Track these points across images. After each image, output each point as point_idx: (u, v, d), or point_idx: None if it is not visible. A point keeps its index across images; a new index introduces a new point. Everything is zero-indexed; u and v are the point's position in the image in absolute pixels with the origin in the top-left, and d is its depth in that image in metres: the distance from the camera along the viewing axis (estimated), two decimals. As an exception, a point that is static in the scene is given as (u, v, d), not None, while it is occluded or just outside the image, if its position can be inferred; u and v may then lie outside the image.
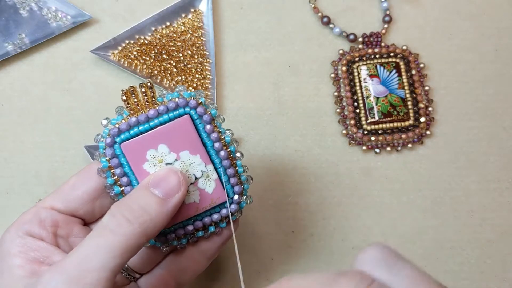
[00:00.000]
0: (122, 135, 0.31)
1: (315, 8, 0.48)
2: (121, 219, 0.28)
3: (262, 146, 0.46)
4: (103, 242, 0.27)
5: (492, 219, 0.45)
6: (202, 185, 0.32)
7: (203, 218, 0.33)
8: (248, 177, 0.34)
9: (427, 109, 0.46)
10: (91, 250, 0.27)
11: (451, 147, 0.46)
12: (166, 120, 0.31)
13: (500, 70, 0.48)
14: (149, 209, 0.28)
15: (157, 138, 0.31)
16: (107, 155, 0.31)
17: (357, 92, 0.46)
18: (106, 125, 0.31)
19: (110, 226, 0.28)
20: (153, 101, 0.31)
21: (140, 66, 0.46)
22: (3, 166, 0.45)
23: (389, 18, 0.48)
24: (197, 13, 0.48)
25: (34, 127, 0.45)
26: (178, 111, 0.31)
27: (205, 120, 0.31)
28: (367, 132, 0.45)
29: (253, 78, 0.47)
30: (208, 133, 0.32)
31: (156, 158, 0.31)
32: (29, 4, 0.47)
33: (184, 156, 0.31)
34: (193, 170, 0.32)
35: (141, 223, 0.28)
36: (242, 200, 0.34)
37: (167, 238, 0.33)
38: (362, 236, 0.44)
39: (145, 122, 0.31)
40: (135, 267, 0.34)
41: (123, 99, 0.31)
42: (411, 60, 0.47)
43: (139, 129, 0.31)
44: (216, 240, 0.34)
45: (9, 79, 0.46)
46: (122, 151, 0.31)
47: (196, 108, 0.31)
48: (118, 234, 0.27)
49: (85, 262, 0.26)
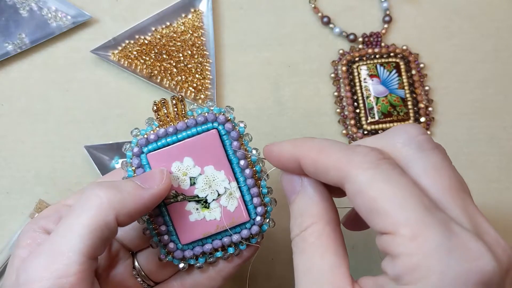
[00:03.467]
0: (149, 145, 0.31)
1: (315, 8, 0.48)
2: (90, 194, 0.27)
3: (262, 146, 0.46)
4: (70, 222, 0.26)
5: (492, 219, 0.45)
6: (224, 203, 0.31)
7: (223, 237, 0.32)
8: (272, 199, 0.33)
9: (427, 109, 0.46)
10: (60, 232, 0.26)
11: (451, 147, 0.46)
12: (194, 133, 0.31)
13: (500, 70, 0.48)
14: (122, 187, 0.28)
15: (183, 150, 0.31)
16: (134, 165, 0.31)
17: (357, 92, 0.46)
18: (136, 135, 0.31)
19: (79, 203, 0.27)
20: (182, 114, 0.31)
21: (140, 66, 0.46)
22: (3, 166, 0.45)
23: (389, 18, 0.48)
24: (197, 13, 0.48)
25: (34, 127, 0.45)
26: (206, 125, 0.31)
27: (232, 136, 0.31)
28: (367, 132, 0.45)
29: (253, 78, 0.47)
30: (234, 150, 0.31)
31: (181, 171, 0.31)
32: (29, 4, 0.47)
33: (208, 171, 0.31)
34: (216, 186, 0.31)
35: (110, 198, 0.27)
36: (264, 223, 0.33)
37: (185, 255, 0.32)
38: (362, 236, 0.44)
39: (173, 134, 0.31)
40: (150, 274, 0.33)
41: (154, 110, 0.31)
42: (411, 60, 0.47)
43: (167, 141, 0.31)
44: (234, 261, 0.33)
45: (9, 79, 0.46)
46: (148, 161, 0.31)
47: (225, 124, 0.31)
48: (84, 210, 0.26)
49: (54, 246, 0.26)
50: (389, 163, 0.24)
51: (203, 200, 0.31)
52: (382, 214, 0.22)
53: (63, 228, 0.26)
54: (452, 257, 0.21)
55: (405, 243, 0.21)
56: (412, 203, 0.22)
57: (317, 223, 0.26)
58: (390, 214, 0.22)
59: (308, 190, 0.27)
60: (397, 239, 0.22)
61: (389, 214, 0.22)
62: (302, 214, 0.27)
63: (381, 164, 0.23)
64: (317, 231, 0.26)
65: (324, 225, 0.26)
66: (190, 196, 0.31)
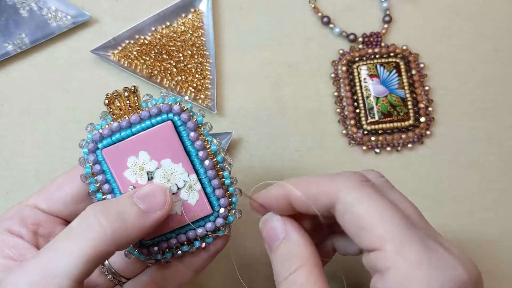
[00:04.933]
0: (104, 140, 0.30)
1: (315, 8, 0.48)
2: (93, 221, 0.26)
3: (262, 146, 0.46)
4: (69, 246, 0.25)
5: (492, 219, 0.45)
6: (185, 196, 0.30)
7: (187, 232, 0.31)
8: (237, 189, 0.32)
9: (427, 109, 0.46)
10: (55, 253, 0.25)
11: (451, 147, 0.46)
12: (148, 126, 0.29)
13: (500, 70, 0.48)
14: (126, 217, 0.27)
15: (137, 144, 0.29)
16: (90, 161, 0.30)
17: (357, 92, 0.46)
18: (91, 131, 0.30)
19: (80, 228, 0.26)
20: (136, 107, 0.30)
21: (140, 66, 0.46)
22: (3, 166, 0.45)
23: (389, 18, 0.48)
24: (197, 13, 0.48)
25: (34, 127, 0.45)
26: (161, 117, 0.29)
27: (189, 127, 0.30)
28: (367, 132, 0.45)
29: (253, 78, 0.47)
30: (192, 140, 0.30)
31: (137, 166, 0.30)
32: (29, 4, 0.47)
33: (165, 164, 0.30)
34: (175, 180, 0.30)
35: (114, 230, 0.26)
36: (229, 214, 0.32)
37: (150, 251, 0.31)
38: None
39: (127, 128, 0.29)
40: (120, 270, 0.33)
41: (105, 103, 0.30)
42: (411, 60, 0.47)
43: (121, 135, 0.30)
44: (202, 255, 0.33)
45: (9, 79, 0.46)
46: (104, 157, 0.30)
47: (180, 114, 0.30)
48: (86, 238, 0.26)
49: (48, 267, 0.25)
50: (370, 185, 0.27)
51: None
52: (369, 230, 0.25)
53: (60, 251, 0.26)
54: (433, 268, 0.23)
55: (392, 257, 0.24)
56: (394, 220, 0.25)
57: (306, 265, 0.28)
58: (376, 230, 0.25)
59: (293, 235, 0.29)
60: (384, 254, 0.24)
61: (375, 230, 0.25)
62: (289, 258, 0.28)
63: (364, 186, 0.27)
64: (306, 272, 0.28)
65: (312, 267, 0.28)
66: None
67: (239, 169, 0.45)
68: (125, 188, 0.30)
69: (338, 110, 0.46)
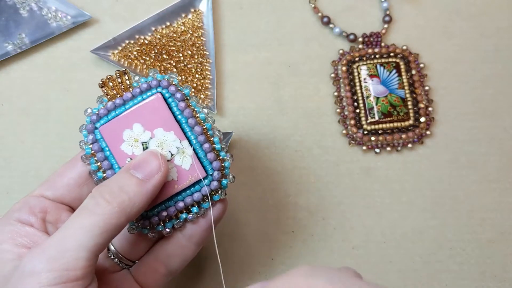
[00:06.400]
0: (101, 120, 0.32)
1: (315, 8, 0.48)
2: (100, 200, 0.28)
3: (262, 146, 0.46)
4: (81, 222, 0.27)
5: (492, 219, 0.45)
6: (179, 162, 0.32)
7: (185, 198, 0.32)
8: (229, 154, 0.34)
9: (427, 109, 0.46)
10: (70, 230, 0.27)
11: (451, 147, 0.46)
12: (140, 101, 0.32)
13: (500, 70, 0.48)
14: (127, 189, 0.29)
15: (131, 118, 0.32)
16: (89, 141, 0.32)
17: (357, 92, 0.46)
18: (89, 114, 0.33)
19: (89, 206, 0.28)
20: (128, 86, 0.32)
21: (140, 66, 0.46)
22: (3, 166, 0.45)
23: (389, 18, 0.48)
24: (197, 13, 0.48)
25: (34, 127, 0.45)
26: (151, 91, 0.32)
27: (177, 97, 0.32)
28: (367, 132, 0.45)
29: (253, 78, 0.47)
30: (181, 110, 0.32)
31: (132, 138, 0.32)
32: (29, 4, 0.47)
33: (158, 134, 0.32)
34: (168, 147, 0.32)
35: (120, 203, 0.28)
36: (223, 179, 0.33)
37: (151, 222, 0.33)
38: (362, 236, 0.44)
39: (121, 105, 0.32)
40: (125, 253, 0.34)
41: (100, 86, 0.32)
42: (411, 60, 0.47)
43: (116, 113, 0.32)
44: (201, 223, 0.34)
45: (9, 79, 0.46)
46: (101, 134, 0.32)
47: (168, 87, 0.32)
48: (96, 213, 0.28)
49: (63, 242, 0.27)
50: None
51: None
52: None
53: (72, 226, 0.28)
54: None
55: None
56: None
57: None
58: None
59: None
60: None
61: None
62: None
63: None
64: None
65: None
66: None
67: (239, 169, 0.45)
68: (123, 162, 0.32)
69: (338, 110, 0.46)
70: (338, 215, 0.44)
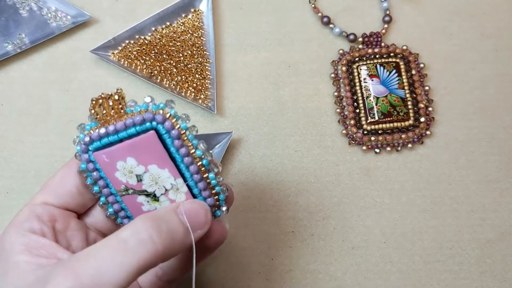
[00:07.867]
0: (94, 143, 0.31)
1: (315, 8, 0.48)
2: (146, 237, 0.27)
3: (262, 146, 0.46)
4: (121, 259, 0.26)
5: (492, 219, 0.45)
6: (173, 197, 0.32)
7: None
8: (223, 188, 0.33)
9: (427, 109, 0.46)
10: (107, 263, 0.26)
11: (451, 147, 0.46)
12: (133, 132, 0.30)
13: (500, 70, 0.48)
14: (175, 236, 0.28)
15: (124, 151, 0.30)
16: (84, 160, 0.31)
17: (357, 92, 0.46)
18: (81, 131, 0.31)
19: (131, 243, 0.27)
20: (121, 113, 0.31)
21: (140, 66, 0.46)
22: (3, 166, 0.45)
23: (389, 18, 0.48)
24: (197, 13, 0.48)
25: (34, 127, 0.45)
26: (145, 125, 0.30)
27: (173, 135, 0.30)
28: (367, 132, 0.45)
29: (253, 78, 0.47)
30: (177, 148, 0.31)
31: (126, 169, 0.31)
32: (29, 4, 0.47)
33: (152, 170, 0.31)
34: (163, 182, 0.31)
35: (165, 247, 0.27)
36: (216, 209, 0.33)
37: None
38: (362, 236, 0.44)
39: (114, 133, 0.30)
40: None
41: (89, 109, 0.30)
42: (411, 60, 0.47)
43: (109, 139, 0.30)
44: None
45: (9, 79, 0.46)
46: (95, 159, 0.31)
47: (164, 123, 0.30)
48: (139, 253, 0.26)
49: (99, 274, 0.26)
50: None
51: (152, 194, 0.32)
52: None
53: (111, 261, 0.26)
54: None
55: None
56: None
57: None
58: None
59: None
60: None
61: None
62: None
63: None
64: None
65: None
66: (139, 190, 0.31)
67: (239, 169, 0.45)
68: (118, 186, 0.31)
69: (338, 110, 0.46)
70: (338, 215, 0.44)
